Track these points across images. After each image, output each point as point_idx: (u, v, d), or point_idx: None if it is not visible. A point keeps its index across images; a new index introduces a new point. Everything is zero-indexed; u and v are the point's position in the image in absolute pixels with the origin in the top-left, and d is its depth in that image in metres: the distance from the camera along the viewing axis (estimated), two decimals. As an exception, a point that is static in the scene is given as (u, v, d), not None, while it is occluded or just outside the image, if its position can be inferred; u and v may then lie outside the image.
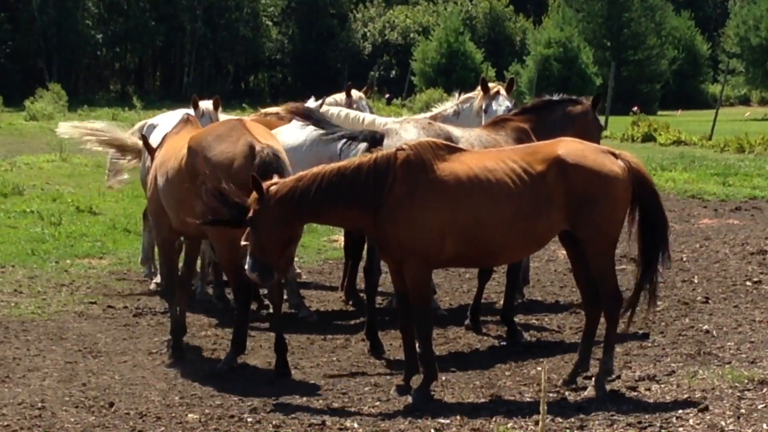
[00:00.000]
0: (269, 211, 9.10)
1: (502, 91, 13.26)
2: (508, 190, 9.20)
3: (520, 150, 9.73)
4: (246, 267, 9.36)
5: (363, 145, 11.11)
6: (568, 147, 9.47)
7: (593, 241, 9.30)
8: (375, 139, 10.91)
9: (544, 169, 9.27)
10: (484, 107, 13.03)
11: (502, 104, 13.02)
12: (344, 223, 10.31)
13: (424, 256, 9.21)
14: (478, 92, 13.27)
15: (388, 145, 10.47)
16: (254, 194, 9.14)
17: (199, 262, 13.79)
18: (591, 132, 12.17)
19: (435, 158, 9.25)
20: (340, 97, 14.87)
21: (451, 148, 9.55)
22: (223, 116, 13.55)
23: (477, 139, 11.38)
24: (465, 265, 11.14)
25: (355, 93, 15.02)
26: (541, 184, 9.23)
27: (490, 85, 13.39)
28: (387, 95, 60.94)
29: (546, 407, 5.83)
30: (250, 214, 9.15)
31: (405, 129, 11.07)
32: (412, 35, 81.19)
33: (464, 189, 9.17)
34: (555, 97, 12.46)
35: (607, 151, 9.58)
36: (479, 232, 9.21)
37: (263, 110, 15.05)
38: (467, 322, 12.12)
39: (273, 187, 9.16)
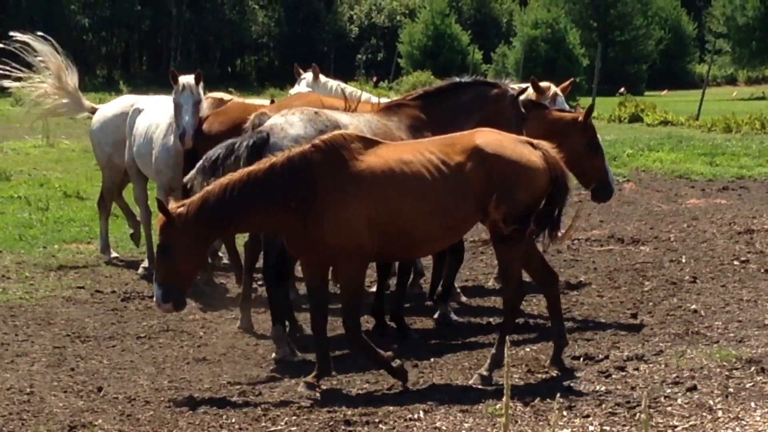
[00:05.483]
0: (182, 234, 8.86)
1: (560, 93, 13.04)
2: (426, 182, 9.09)
3: (438, 141, 9.57)
4: (156, 299, 9.06)
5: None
6: (486, 137, 9.40)
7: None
8: (263, 138, 10.01)
9: (463, 159, 9.19)
10: None
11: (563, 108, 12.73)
12: (267, 228, 9.75)
13: (356, 254, 9.04)
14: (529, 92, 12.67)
15: (276, 142, 9.92)
16: (160, 218, 8.94)
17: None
18: (506, 117, 11.15)
19: (351, 153, 9.06)
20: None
21: (366, 140, 9.34)
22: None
23: (366, 125, 10.63)
24: (389, 259, 10.85)
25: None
26: (459, 175, 9.14)
27: (543, 84, 13.11)
28: (374, 78, 60.84)
29: (510, 386, 5.88)
30: (160, 240, 8.96)
31: (290, 123, 10.27)
32: (398, 18, 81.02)
33: (381, 183, 9.01)
34: (466, 79, 11.56)
35: (525, 141, 9.57)
36: (400, 225, 9.08)
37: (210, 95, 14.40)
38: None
39: (181, 209, 8.91)
